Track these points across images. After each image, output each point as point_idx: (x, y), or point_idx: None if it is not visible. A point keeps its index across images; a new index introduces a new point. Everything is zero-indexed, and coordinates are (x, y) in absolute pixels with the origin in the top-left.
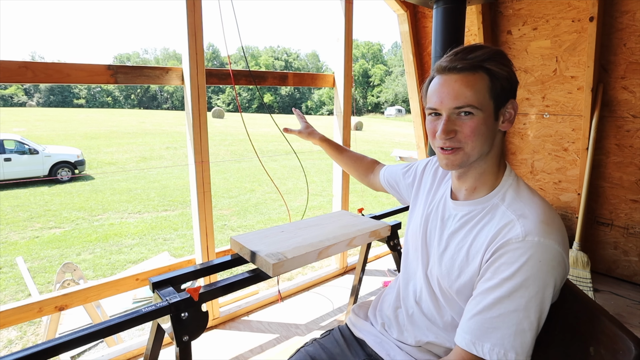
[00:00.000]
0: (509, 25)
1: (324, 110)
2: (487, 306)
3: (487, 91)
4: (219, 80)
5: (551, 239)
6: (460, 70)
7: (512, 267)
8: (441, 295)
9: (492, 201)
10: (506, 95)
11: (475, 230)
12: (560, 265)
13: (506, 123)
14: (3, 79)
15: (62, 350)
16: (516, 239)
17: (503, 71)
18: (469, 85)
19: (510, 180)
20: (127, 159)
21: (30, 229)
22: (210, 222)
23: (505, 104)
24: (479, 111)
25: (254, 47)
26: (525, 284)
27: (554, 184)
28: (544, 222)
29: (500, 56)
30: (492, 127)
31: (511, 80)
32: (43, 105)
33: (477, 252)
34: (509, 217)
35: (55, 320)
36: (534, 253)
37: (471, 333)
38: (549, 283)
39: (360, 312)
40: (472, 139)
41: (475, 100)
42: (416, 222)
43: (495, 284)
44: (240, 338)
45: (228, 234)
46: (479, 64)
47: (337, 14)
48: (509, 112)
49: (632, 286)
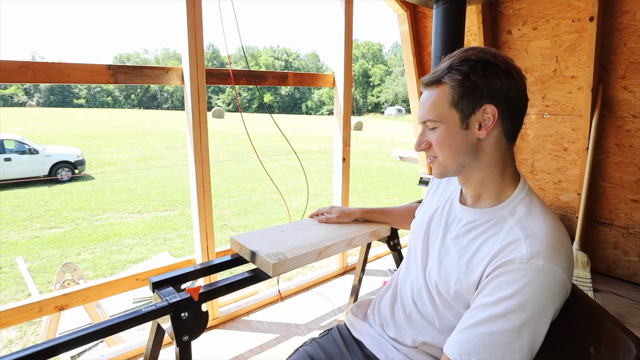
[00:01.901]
0: (509, 25)
1: (324, 110)
2: (481, 322)
3: (445, 103)
4: (219, 80)
5: (557, 265)
6: (427, 85)
7: (512, 288)
8: (438, 298)
9: (500, 213)
10: (473, 102)
11: (479, 240)
12: (562, 292)
13: (483, 130)
14: (3, 79)
15: (62, 350)
16: (520, 260)
17: (458, 79)
18: (430, 99)
19: (522, 194)
20: (127, 159)
21: (30, 229)
22: (210, 222)
23: (476, 110)
24: (439, 123)
25: (254, 47)
26: (522, 307)
27: (554, 184)
28: (552, 247)
29: (461, 62)
30: (461, 136)
31: (477, 85)
32: (43, 105)
33: (478, 264)
34: (516, 235)
35: (55, 320)
36: (536, 277)
37: (460, 345)
38: (548, 309)
39: (358, 312)
40: (440, 149)
41: (433, 114)
42: (421, 219)
43: (492, 301)
44: (240, 338)
45: (228, 234)
46: (440, 76)
47: (337, 14)
48: (487, 117)
49: (632, 286)
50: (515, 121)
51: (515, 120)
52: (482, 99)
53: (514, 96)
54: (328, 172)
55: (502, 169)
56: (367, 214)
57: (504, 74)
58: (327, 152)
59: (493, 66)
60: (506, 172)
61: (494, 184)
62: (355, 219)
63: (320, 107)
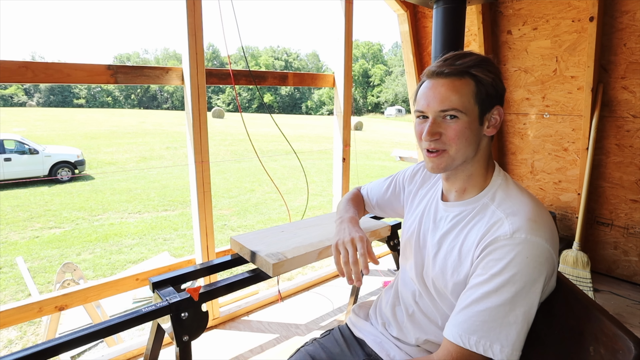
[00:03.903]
0: (509, 25)
1: (324, 110)
2: (475, 300)
3: (472, 96)
4: (219, 80)
5: (539, 236)
6: (447, 75)
7: (501, 263)
8: (437, 295)
9: (482, 201)
10: (491, 101)
11: (466, 230)
12: (547, 262)
13: (491, 128)
14: (3, 79)
15: (62, 350)
16: (504, 236)
17: (489, 78)
18: (455, 89)
19: (499, 180)
20: (127, 159)
21: (30, 229)
22: (210, 222)
23: (491, 109)
24: (463, 115)
25: (254, 47)
26: (512, 280)
27: (554, 184)
28: (532, 220)
29: (487, 63)
30: (477, 131)
31: (497, 87)
32: (43, 105)
33: (468, 250)
34: (498, 216)
35: (55, 320)
36: (521, 250)
37: (459, 326)
38: (537, 279)
39: (360, 312)
40: (456, 142)
41: (460, 104)
42: (410, 224)
43: (484, 279)
44: (240, 338)
45: (228, 234)
46: (466, 69)
47: (337, 14)
48: (495, 117)
49: (632, 286)
50: None
51: None
52: (496, 99)
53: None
54: (328, 172)
55: (486, 163)
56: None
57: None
58: (327, 152)
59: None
60: (489, 165)
61: (479, 177)
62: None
63: (320, 107)
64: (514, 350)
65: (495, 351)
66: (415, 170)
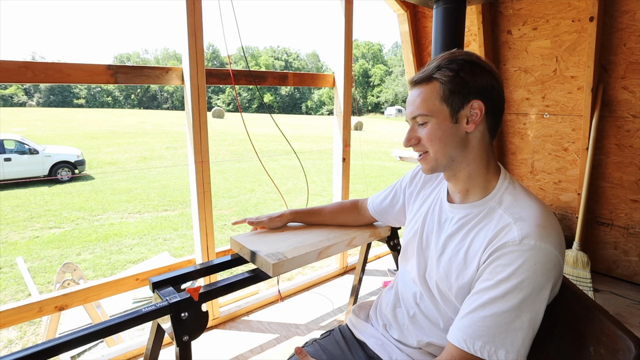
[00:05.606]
0: (509, 25)
1: (324, 110)
2: (481, 305)
3: (436, 98)
4: (219, 80)
5: (548, 243)
6: (416, 83)
7: (509, 269)
8: (440, 297)
9: (488, 204)
10: (462, 97)
11: (472, 233)
12: (555, 268)
13: (471, 124)
14: (3, 79)
15: (62, 350)
16: (513, 242)
17: (447, 77)
18: (421, 95)
19: (506, 183)
20: (127, 159)
21: (30, 229)
22: (210, 222)
23: (465, 105)
24: (430, 117)
25: (254, 47)
26: (520, 286)
27: (554, 184)
28: (541, 226)
29: (449, 62)
30: (451, 130)
31: (463, 83)
32: (43, 105)
33: (474, 254)
34: (506, 221)
35: (55, 320)
36: (530, 256)
37: (464, 331)
38: (545, 286)
39: (360, 313)
40: (431, 144)
41: (425, 108)
42: (413, 225)
43: (491, 284)
44: (240, 338)
45: (228, 234)
46: (430, 74)
47: (337, 14)
48: (474, 112)
49: (632, 286)
50: (497, 118)
51: (497, 117)
52: (470, 94)
53: (496, 94)
54: (328, 172)
55: (486, 162)
56: (297, 214)
57: (488, 73)
58: (327, 152)
59: (478, 66)
60: (490, 165)
61: (481, 177)
62: (287, 222)
63: (320, 107)
64: (519, 356)
65: (500, 357)
66: (415, 173)
